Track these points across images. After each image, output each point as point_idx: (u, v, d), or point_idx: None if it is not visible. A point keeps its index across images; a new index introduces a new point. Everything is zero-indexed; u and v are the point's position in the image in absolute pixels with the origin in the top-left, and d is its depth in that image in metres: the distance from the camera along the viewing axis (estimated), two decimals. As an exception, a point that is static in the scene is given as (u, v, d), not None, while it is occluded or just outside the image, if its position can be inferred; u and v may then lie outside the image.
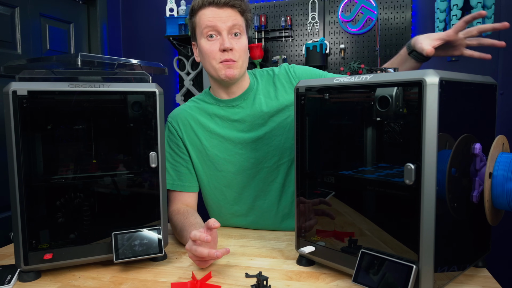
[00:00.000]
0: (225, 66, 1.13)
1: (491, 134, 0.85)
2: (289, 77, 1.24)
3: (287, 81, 1.24)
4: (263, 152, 1.21)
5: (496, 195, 0.76)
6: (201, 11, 1.14)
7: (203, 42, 1.14)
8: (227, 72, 1.13)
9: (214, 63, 1.14)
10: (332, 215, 0.88)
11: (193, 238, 0.89)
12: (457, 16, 1.92)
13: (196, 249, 0.88)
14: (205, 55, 1.15)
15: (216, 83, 1.21)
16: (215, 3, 1.12)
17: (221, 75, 1.14)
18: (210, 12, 1.12)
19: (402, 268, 0.71)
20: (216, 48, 1.13)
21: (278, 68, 1.28)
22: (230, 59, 1.13)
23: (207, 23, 1.12)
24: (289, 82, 1.24)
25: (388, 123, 0.78)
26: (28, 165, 0.87)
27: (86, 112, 0.95)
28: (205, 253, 0.88)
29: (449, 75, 0.70)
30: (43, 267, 0.90)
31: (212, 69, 1.15)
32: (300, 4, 2.70)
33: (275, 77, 1.25)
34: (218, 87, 1.22)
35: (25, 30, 2.14)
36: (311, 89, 0.89)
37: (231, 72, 1.14)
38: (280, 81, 1.24)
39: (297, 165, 0.92)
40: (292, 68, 1.26)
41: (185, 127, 1.22)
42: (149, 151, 0.97)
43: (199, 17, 1.14)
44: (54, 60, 0.98)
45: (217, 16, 1.12)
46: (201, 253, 0.88)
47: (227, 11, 1.12)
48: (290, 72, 1.25)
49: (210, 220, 0.92)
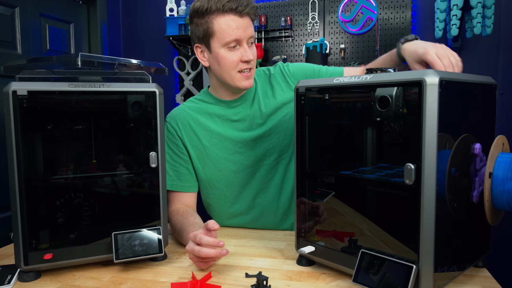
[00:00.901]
0: (243, 77, 1.13)
1: (491, 134, 0.85)
2: (284, 76, 1.25)
3: (282, 80, 1.25)
4: (262, 150, 1.21)
5: (496, 195, 0.76)
6: (220, 17, 1.09)
7: (223, 52, 1.11)
8: (245, 83, 1.14)
9: (233, 73, 1.13)
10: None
11: (193, 238, 0.89)
12: (457, 16, 1.91)
13: (200, 250, 0.88)
14: (225, 65, 1.12)
15: (223, 86, 1.21)
16: (238, 11, 1.08)
17: (239, 85, 1.14)
18: (233, 21, 1.08)
19: (402, 268, 0.71)
20: (238, 59, 1.12)
21: (273, 67, 1.29)
22: (250, 68, 1.14)
23: (231, 33, 1.08)
24: (285, 80, 1.25)
25: (388, 123, 0.78)
26: (28, 165, 0.87)
27: (86, 112, 0.95)
28: (212, 254, 0.87)
29: (449, 75, 0.70)
30: (43, 267, 0.90)
31: (229, 78, 1.14)
32: (300, 4, 2.70)
33: (271, 76, 1.26)
34: (223, 90, 1.22)
35: (25, 30, 2.14)
36: (311, 89, 0.89)
37: (250, 82, 1.15)
38: (276, 80, 1.25)
39: (297, 165, 0.92)
40: (287, 67, 1.27)
41: (184, 127, 1.22)
42: (149, 151, 0.97)
43: (218, 24, 1.09)
44: (54, 60, 0.98)
45: (240, 26, 1.09)
46: (208, 254, 0.87)
47: (246, 20, 1.11)
48: (284, 71, 1.26)
49: (210, 221, 0.91)
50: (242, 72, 1.13)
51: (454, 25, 1.93)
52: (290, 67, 1.27)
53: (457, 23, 1.93)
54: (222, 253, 0.89)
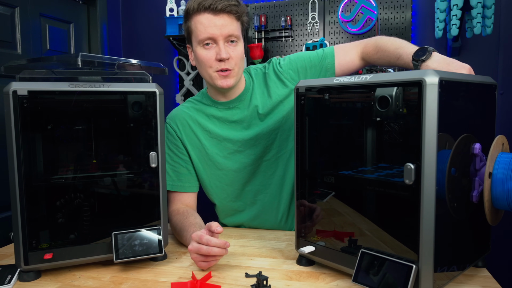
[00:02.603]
0: (221, 76, 1.13)
1: (490, 134, 0.85)
2: (277, 74, 1.24)
3: (276, 77, 1.24)
4: (262, 147, 1.22)
5: (495, 195, 0.76)
6: (196, 16, 1.10)
7: (199, 50, 1.12)
8: (223, 83, 1.13)
9: (210, 72, 1.13)
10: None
11: (198, 239, 0.90)
12: (457, 16, 1.91)
13: (210, 250, 0.88)
14: (201, 63, 1.13)
15: (213, 88, 1.21)
16: (211, 9, 1.08)
17: (217, 84, 1.14)
18: (206, 19, 1.09)
19: (402, 268, 0.71)
20: (212, 57, 1.11)
21: (268, 64, 1.27)
22: (227, 68, 1.12)
23: (203, 31, 1.09)
24: (278, 78, 1.24)
25: (388, 123, 0.78)
26: (28, 165, 0.87)
27: (86, 112, 0.95)
28: (220, 253, 0.89)
29: (449, 75, 0.70)
30: (43, 267, 0.90)
31: (208, 77, 1.15)
32: (300, 4, 2.70)
33: (267, 75, 1.25)
34: (215, 91, 1.22)
35: (25, 30, 2.14)
36: (311, 89, 0.89)
37: (227, 82, 1.13)
38: (271, 79, 1.24)
39: (297, 165, 0.92)
40: (278, 64, 1.24)
41: (183, 127, 1.22)
42: (149, 151, 0.97)
43: (194, 24, 1.11)
44: (54, 60, 0.98)
45: (213, 24, 1.09)
46: (217, 253, 0.89)
47: (223, 18, 1.09)
48: (277, 68, 1.24)
49: (213, 224, 0.91)
50: (218, 71, 1.12)
51: (454, 25, 1.93)
52: (281, 63, 1.24)
53: (457, 23, 1.93)
54: (227, 245, 0.91)
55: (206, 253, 0.89)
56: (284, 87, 1.22)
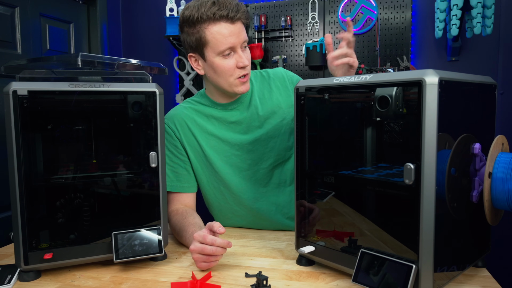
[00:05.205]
0: (241, 83, 1.13)
1: (490, 134, 0.85)
2: (285, 81, 1.26)
3: (282, 84, 1.26)
4: (259, 154, 1.21)
5: (495, 195, 0.76)
6: (212, 26, 1.06)
7: (218, 60, 1.10)
8: (242, 89, 1.14)
9: (231, 80, 1.12)
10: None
11: (201, 239, 0.90)
12: (457, 16, 1.92)
13: (215, 250, 0.89)
14: (222, 72, 1.11)
15: (219, 91, 1.20)
16: (230, 17, 1.06)
17: (237, 91, 1.14)
18: (225, 29, 1.06)
19: (401, 267, 0.71)
20: (233, 65, 1.10)
21: (273, 70, 1.29)
22: (247, 73, 1.13)
23: (224, 42, 1.07)
24: (285, 85, 1.25)
25: (388, 123, 0.78)
26: (28, 165, 0.87)
27: (86, 112, 0.95)
28: (223, 252, 0.91)
29: (449, 75, 0.70)
30: (43, 266, 0.90)
31: (228, 85, 1.14)
32: (300, 4, 2.70)
33: (270, 79, 1.26)
34: (219, 94, 1.21)
35: (25, 30, 2.13)
36: (311, 89, 0.89)
37: (246, 86, 1.15)
38: (275, 84, 1.25)
39: (297, 165, 0.92)
40: (289, 74, 1.28)
41: (182, 127, 1.22)
42: (149, 151, 0.97)
43: (211, 34, 1.07)
44: (54, 60, 0.98)
45: (232, 33, 1.07)
46: (222, 252, 0.90)
47: (238, 25, 1.09)
48: (287, 76, 1.26)
49: (216, 223, 0.91)
50: (239, 77, 1.12)
51: (454, 25, 1.93)
52: (295, 78, 1.28)
53: (457, 23, 1.93)
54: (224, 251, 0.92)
55: (211, 253, 0.89)
56: (287, 96, 1.24)
